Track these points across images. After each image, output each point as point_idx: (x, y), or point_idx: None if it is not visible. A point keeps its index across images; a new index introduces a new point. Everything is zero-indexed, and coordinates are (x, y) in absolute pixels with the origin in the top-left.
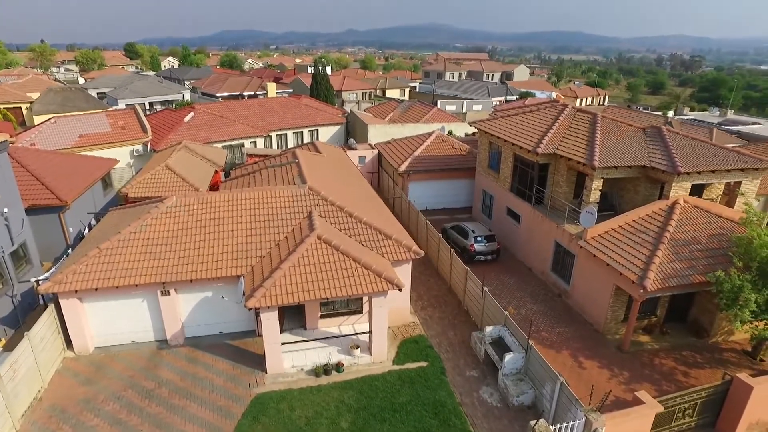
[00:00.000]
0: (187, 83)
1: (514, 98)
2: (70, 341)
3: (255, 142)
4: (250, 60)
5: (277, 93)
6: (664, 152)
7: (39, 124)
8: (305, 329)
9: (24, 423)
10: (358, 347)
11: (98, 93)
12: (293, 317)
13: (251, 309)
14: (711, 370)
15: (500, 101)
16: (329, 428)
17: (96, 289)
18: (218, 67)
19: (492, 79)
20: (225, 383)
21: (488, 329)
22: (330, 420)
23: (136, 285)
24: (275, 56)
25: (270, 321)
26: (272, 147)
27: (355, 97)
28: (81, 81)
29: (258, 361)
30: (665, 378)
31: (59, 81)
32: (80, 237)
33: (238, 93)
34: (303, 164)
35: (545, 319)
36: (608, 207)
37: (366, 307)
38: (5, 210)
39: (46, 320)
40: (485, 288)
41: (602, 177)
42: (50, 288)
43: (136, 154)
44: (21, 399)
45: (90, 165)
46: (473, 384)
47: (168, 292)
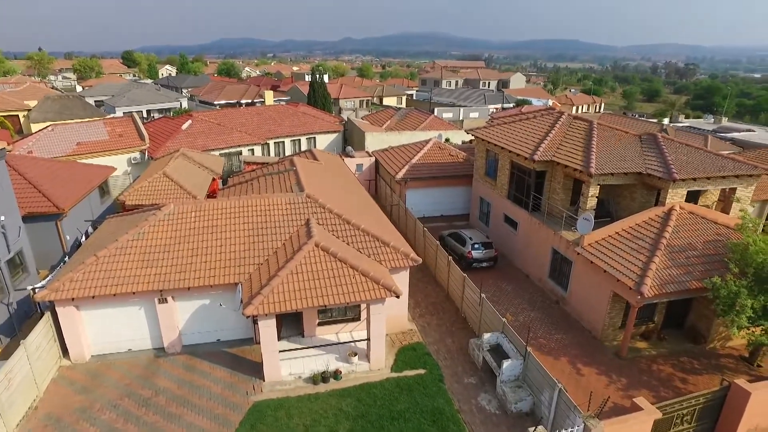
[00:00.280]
0: (185, 91)
1: (511, 106)
2: (67, 349)
3: (252, 150)
4: (248, 68)
5: (275, 101)
6: (660, 159)
7: (36, 132)
8: (303, 337)
9: None
10: (356, 354)
11: (96, 101)
12: (291, 325)
13: (249, 316)
14: (709, 376)
15: (497, 109)
16: None
17: (93, 297)
18: (216, 75)
19: (488, 87)
20: (222, 391)
21: (486, 336)
22: (328, 428)
23: (134, 293)
24: (273, 64)
25: (268, 328)
26: (270, 155)
27: (353, 105)
28: (78, 89)
29: (255, 369)
30: (663, 384)
31: (57, 89)
32: (77, 245)
33: (236, 101)
34: (300, 172)
35: (543, 326)
36: (605, 214)
37: (364, 315)
38: (2, 218)
39: (42, 328)
40: (483, 295)
41: (599, 184)
42: (47, 296)
43: (134, 162)
44: (16, 408)
45: (87, 173)
46: (471, 391)
47: (165, 300)
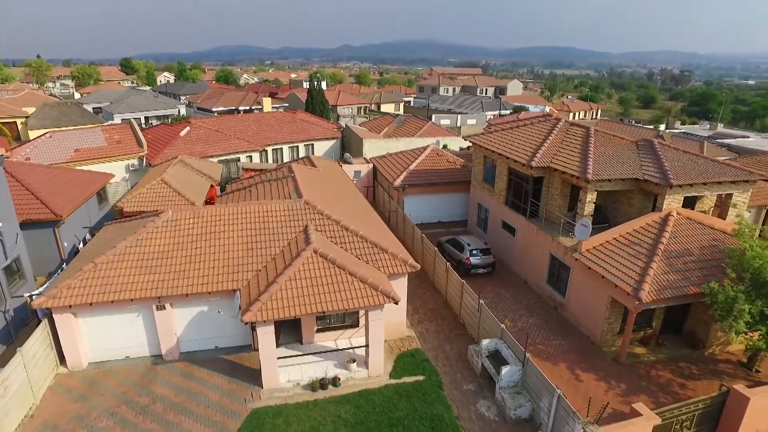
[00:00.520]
0: (183, 98)
1: (508, 112)
2: (64, 357)
3: (251, 157)
4: (246, 75)
5: (273, 108)
6: (657, 165)
7: (34, 139)
8: (301, 343)
9: None
10: (355, 361)
11: (94, 108)
12: (289, 331)
13: (247, 323)
14: (707, 382)
15: (494, 115)
16: None
17: (91, 304)
18: (214, 82)
19: (486, 94)
20: (220, 398)
21: (485, 342)
22: None
23: (132, 299)
24: (271, 71)
25: (266, 335)
26: (268, 161)
27: (351, 112)
28: (77, 96)
29: (254, 376)
30: (662, 390)
31: (55, 96)
32: (75, 252)
33: (234, 108)
34: (299, 178)
35: (541, 332)
36: (602, 219)
37: (362, 321)
38: None
39: (40, 336)
40: (481, 301)
41: (596, 190)
42: (44, 303)
43: (132, 169)
44: (12, 417)
45: (85, 179)
46: (470, 397)
47: (163, 307)
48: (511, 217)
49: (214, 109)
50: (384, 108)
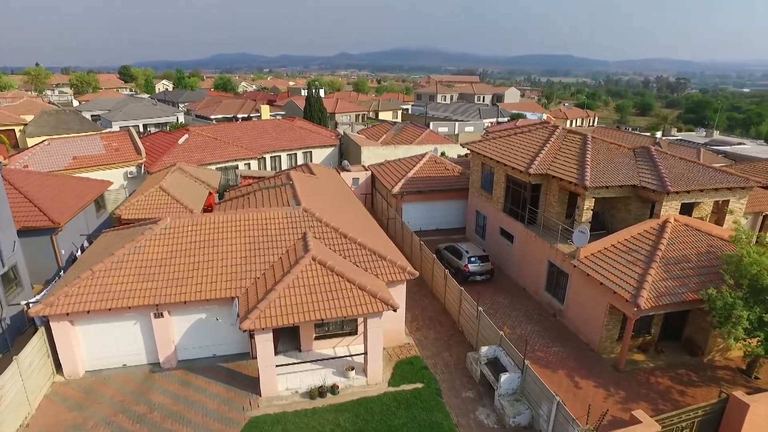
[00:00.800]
0: (182, 106)
1: (506, 120)
2: (60, 365)
3: (249, 164)
4: (244, 83)
5: (271, 115)
6: (654, 172)
7: (32, 147)
8: (300, 351)
9: None
10: (353, 369)
11: (92, 115)
12: (288, 339)
13: (246, 331)
14: (707, 389)
15: (492, 123)
16: None
17: (88, 312)
18: (212, 90)
19: (483, 101)
20: (218, 407)
21: (484, 349)
22: None
23: (129, 307)
24: (269, 79)
25: (264, 343)
26: (266, 169)
27: (349, 120)
28: (75, 103)
29: (252, 384)
30: (661, 397)
31: (53, 103)
32: (72, 259)
33: (232, 115)
34: (297, 186)
35: (540, 339)
36: (600, 226)
37: (361, 329)
38: None
39: (36, 344)
40: (480, 308)
41: (594, 197)
42: (41, 311)
43: (130, 176)
44: (7, 426)
45: (83, 187)
46: (469, 405)
47: (161, 315)
48: (509, 224)
49: (213, 117)
50: (382, 116)
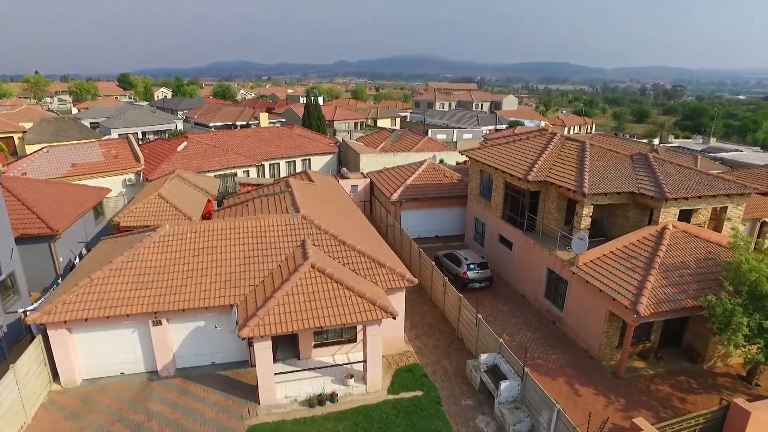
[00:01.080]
0: (180, 113)
1: (504, 127)
2: (57, 373)
3: (248, 172)
4: (243, 90)
5: (270, 123)
6: (652, 178)
7: (31, 154)
8: (299, 359)
9: None
10: (353, 377)
11: (91, 123)
12: (286, 347)
13: (244, 339)
14: (707, 396)
15: (490, 130)
16: None
17: (86, 320)
18: (211, 98)
19: (481, 109)
20: (217, 415)
21: (483, 357)
22: None
23: (128, 315)
24: (267, 87)
25: (263, 351)
26: (265, 176)
27: (347, 127)
28: (74, 111)
29: (251, 392)
30: (662, 404)
31: (52, 111)
32: (71, 267)
33: (231, 123)
34: (296, 193)
35: (540, 346)
36: (599, 233)
37: (360, 336)
38: None
39: (33, 352)
40: (479, 315)
41: (592, 203)
42: (39, 318)
43: (129, 183)
44: None
45: (82, 194)
46: (469, 413)
47: (159, 322)
48: (508, 231)
49: (211, 124)
50: (380, 123)
